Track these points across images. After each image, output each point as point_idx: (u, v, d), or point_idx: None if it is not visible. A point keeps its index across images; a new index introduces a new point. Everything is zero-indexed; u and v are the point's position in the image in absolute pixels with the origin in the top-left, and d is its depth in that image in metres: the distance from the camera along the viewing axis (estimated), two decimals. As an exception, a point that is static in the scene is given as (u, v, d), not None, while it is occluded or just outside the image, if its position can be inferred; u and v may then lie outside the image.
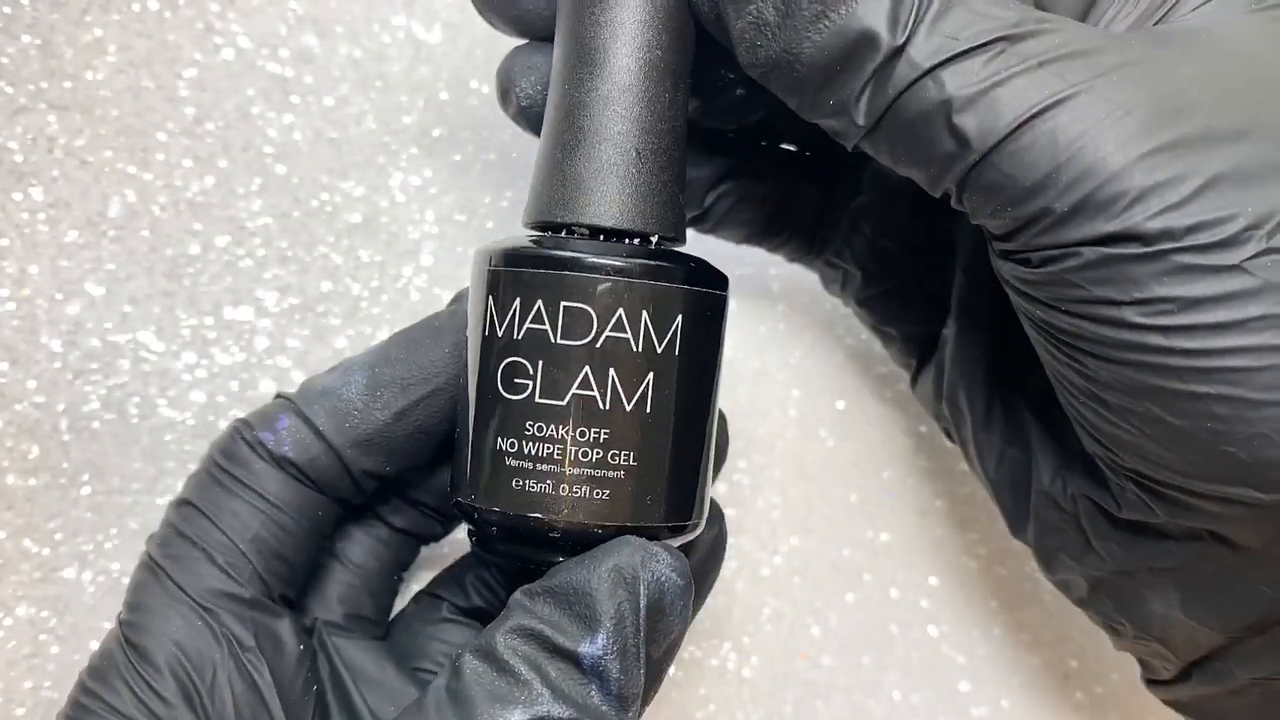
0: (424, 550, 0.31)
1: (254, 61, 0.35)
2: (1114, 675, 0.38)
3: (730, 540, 0.37)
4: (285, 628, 0.26)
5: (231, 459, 0.26)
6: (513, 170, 0.36)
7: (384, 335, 0.35)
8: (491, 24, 0.27)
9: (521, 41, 0.28)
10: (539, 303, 0.23)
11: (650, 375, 0.24)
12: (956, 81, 0.22)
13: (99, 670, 0.25)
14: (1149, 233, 0.21)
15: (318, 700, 0.26)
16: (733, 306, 0.37)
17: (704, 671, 0.36)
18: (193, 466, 0.33)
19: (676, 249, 0.26)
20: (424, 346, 0.26)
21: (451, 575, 0.30)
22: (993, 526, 0.38)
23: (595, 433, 0.23)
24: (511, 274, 0.24)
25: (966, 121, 0.22)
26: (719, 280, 0.25)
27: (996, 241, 0.24)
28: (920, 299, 0.33)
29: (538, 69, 0.27)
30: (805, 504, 0.37)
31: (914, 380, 0.34)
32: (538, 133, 0.26)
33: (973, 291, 0.31)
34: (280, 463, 0.26)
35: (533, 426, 0.23)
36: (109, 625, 0.32)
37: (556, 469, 0.23)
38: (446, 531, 0.30)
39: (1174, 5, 0.24)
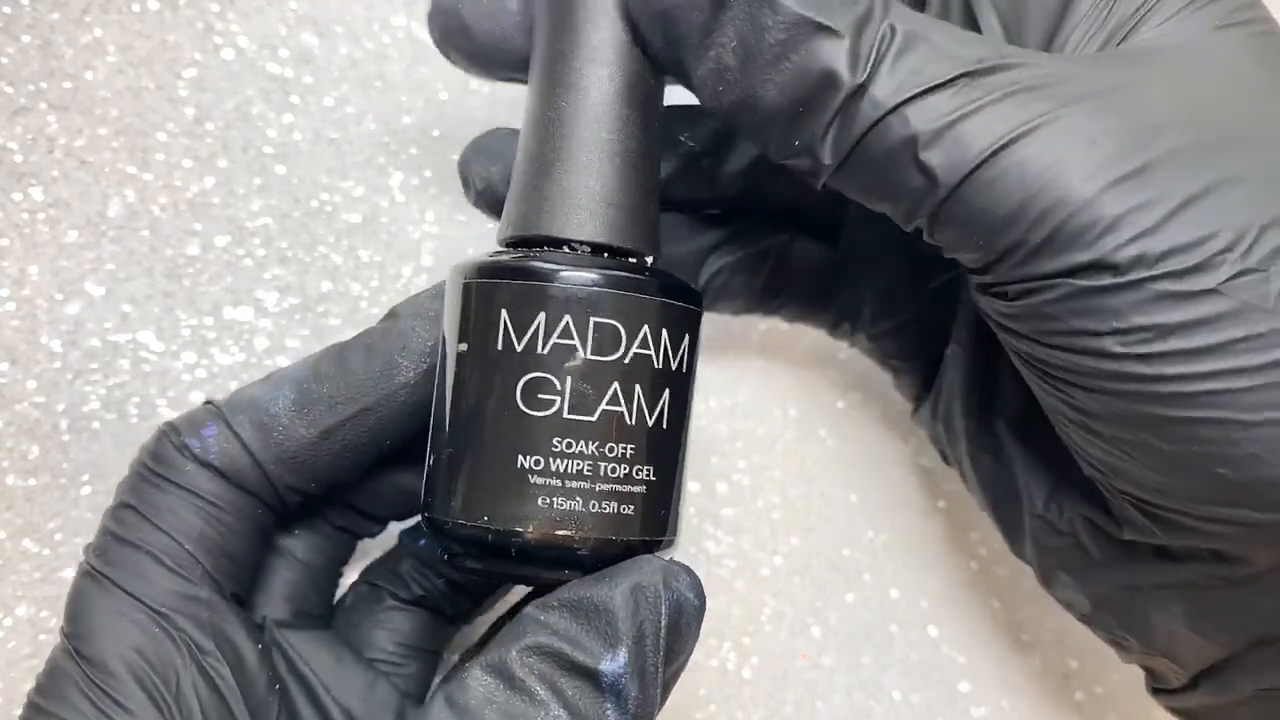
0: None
1: (254, 62, 0.35)
2: (1114, 675, 0.38)
3: (730, 540, 0.37)
4: (240, 629, 0.25)
5: (161, 462, 0.25)
6: (513, 170, 0.36)
7: (384, 335, 0.35)
8: (449, 59, 0.27)
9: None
10: (567, 318, 0.23)
11: (667, 392, 0.24)
12: (921, 117, 0.22)
13: (50, 688, 0.24)
14: (1122, 262, 0.21)
15: (281, 699, 0.26)
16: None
17: (704, 671, 0.36)
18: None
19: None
20: (355, 365, 0.26)
21: (386, 566, 0.30)
22: (993, 527, 0.38)
23: (622, 448, 0.23)
24: (536, 288, 0.23)
25: (933, 157, 0.22)
26: (699, 298, 0.26)
27: (973, 275, 0.24)
28: (930, 331, 0.33)
29: (492, 154, 0.28)
30: (805, 504, 0.37)
31: (916, 406, 0.34)
32: (498, 216, 0.26)
33: (965, 317, 0.31)
34: (207, 468, 0.25)
35: (561, 443, 0.23)
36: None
37: (586, 485, 0.23)
38: (383, 528, 0.30)
39: (1134, 27, 0.24)
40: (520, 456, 0.23)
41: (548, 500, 0.23)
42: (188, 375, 0.33)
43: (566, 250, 0.24)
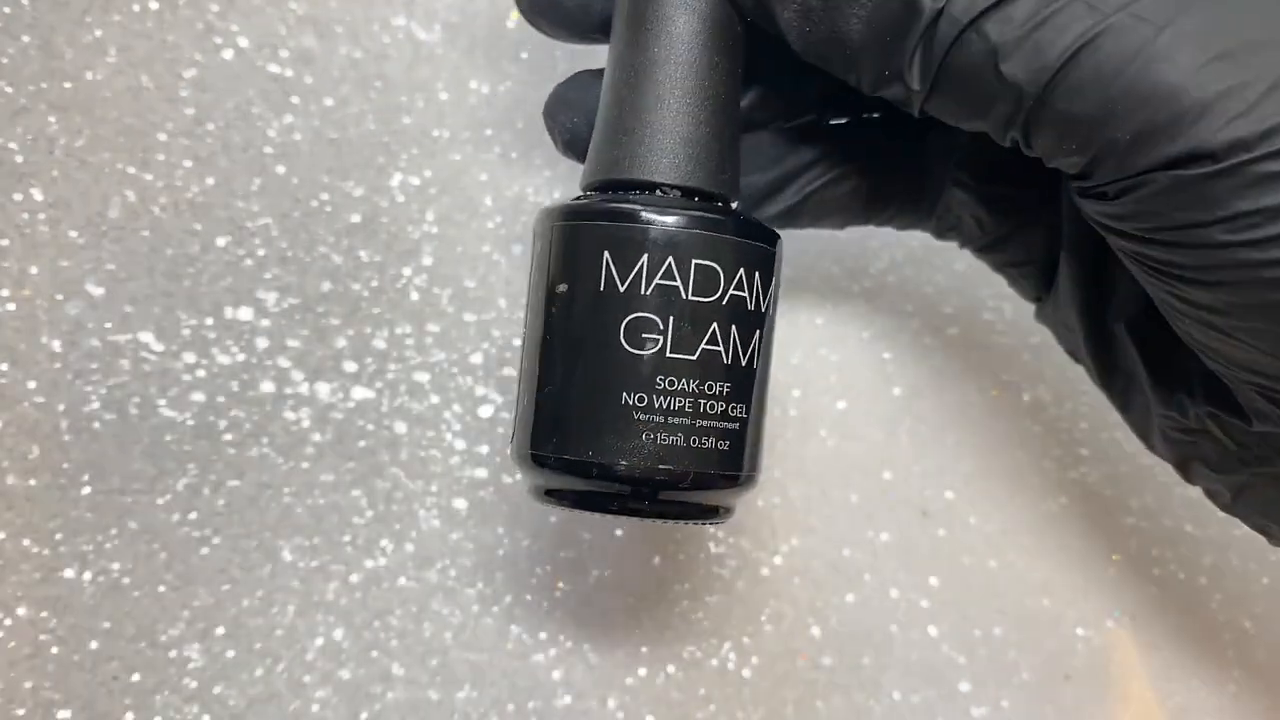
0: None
1: (254, 62, 0.35)
2: (1114, 676, 0.38)
3: (730, 540, 0.37)
4: None
5: None
6: (513, 170, 0.36)
7: (384, 335, 0.35)
8: (539, 29, 0.28)
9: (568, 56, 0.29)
10: (670, 259, 0.24)
11: (758, 332, 0.25)
12: (999, 30, 0.22)
13: None
14: (1219, 148, 0.20)
15: None
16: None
17: (704, 671, 0.36)
18: (192, 467, 0.33)
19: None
20: None
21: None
22: (994, 526, 0.38)
23: (721, 386, 0.25)
24: (639, 230, 0.24)
25: (1014, 68, 0.22)
26: (777, 239, 0.27)
27: (1074, 181, 0.23)
28: (1040, 233, 0.32)
29: (576, 103, 0.28)
30: (805, 504, 0.37)
31: (1038, 307, 0.33)
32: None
33: (1071, 221, 0.30)
34: None
35: (664, 381, 0.24)
36: (109, 625, 0.32)
37: (687, 422, 0.24)
38: None
39: None
40: (624, 393, 0.24)
41: (651, 435, 0.24)
42: (188, 375, 0.33)
43: (658, 194, 0.25)
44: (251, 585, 0.33)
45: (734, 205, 0.26)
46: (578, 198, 0.26)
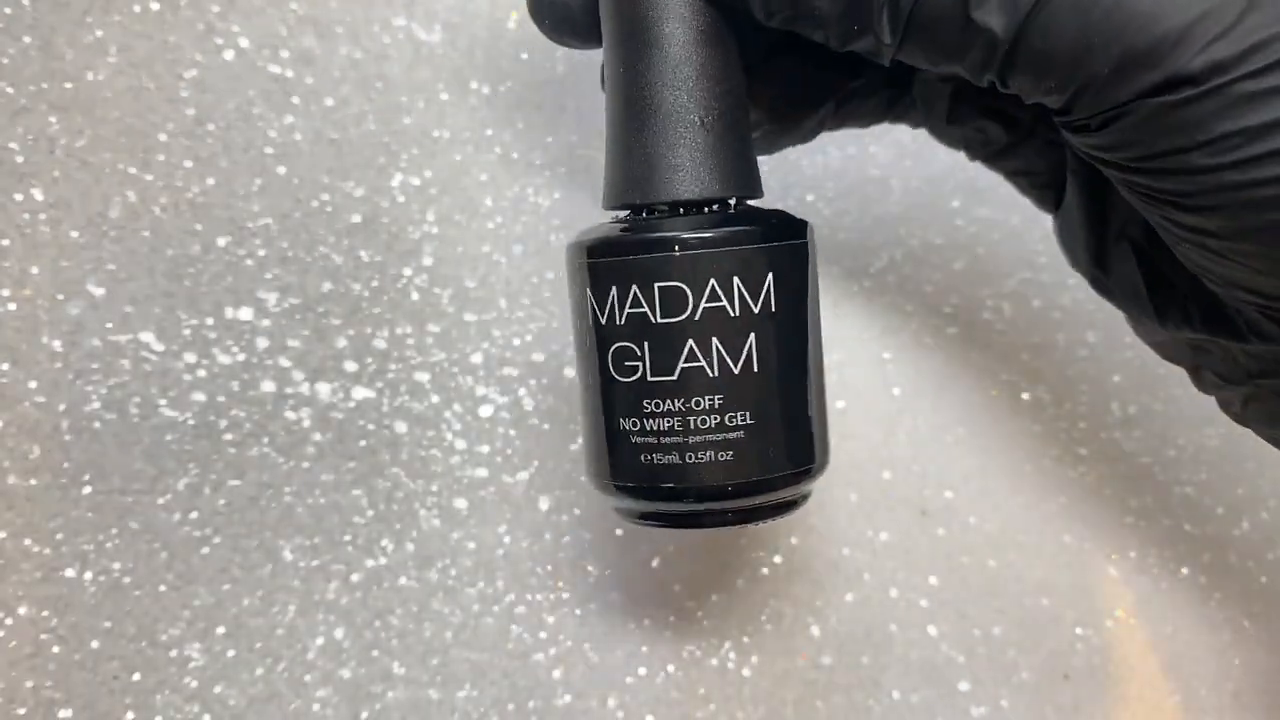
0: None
1: (255, 62, 0.35)
2: (1112, 675, 0.38)
3: (730, 539, 0.37)
4: None
5: None
6: (513, 171, 0.36)
7: (385, 335, 0.35)
8: (564, 44, 0.28)
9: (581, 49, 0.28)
10: (634, 287, 0.24)
11: (751, 336, 0.25)
12: None
13: None
14: (1198, 71, 0.20)
15: None
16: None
17: (704, 671, 0.36)
18: (193, 466, 0.33)
19: (756, 206, 0.27)
20: None
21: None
22: (994, 525, 0.38)
23: (709, 400, 0.25)
24: (604, 263, 0.25)
25: (986, 14, 0.22)
26: (800, 228, 0.26)
27: (1056, 116, 0.23)
28: (1044, 146, 0.31)
29: None
30: (806, 503, 0.37)
31: (1054, 219, 0.33)
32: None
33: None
34: None
35: (650, 404, 0.25)
36: (110, 625, 0.32)
37: (679, 440, 0.25)
38: None
39: None
40: (620, 420, 0.25)
41: (648, 457, 0.25)
42: (188, 375, 0.33)
43: (644, 216, 0.25)
44: (252, 585, 0.33)
45: (732, 203, 0.26)
46: (582, 232, 0.27)
